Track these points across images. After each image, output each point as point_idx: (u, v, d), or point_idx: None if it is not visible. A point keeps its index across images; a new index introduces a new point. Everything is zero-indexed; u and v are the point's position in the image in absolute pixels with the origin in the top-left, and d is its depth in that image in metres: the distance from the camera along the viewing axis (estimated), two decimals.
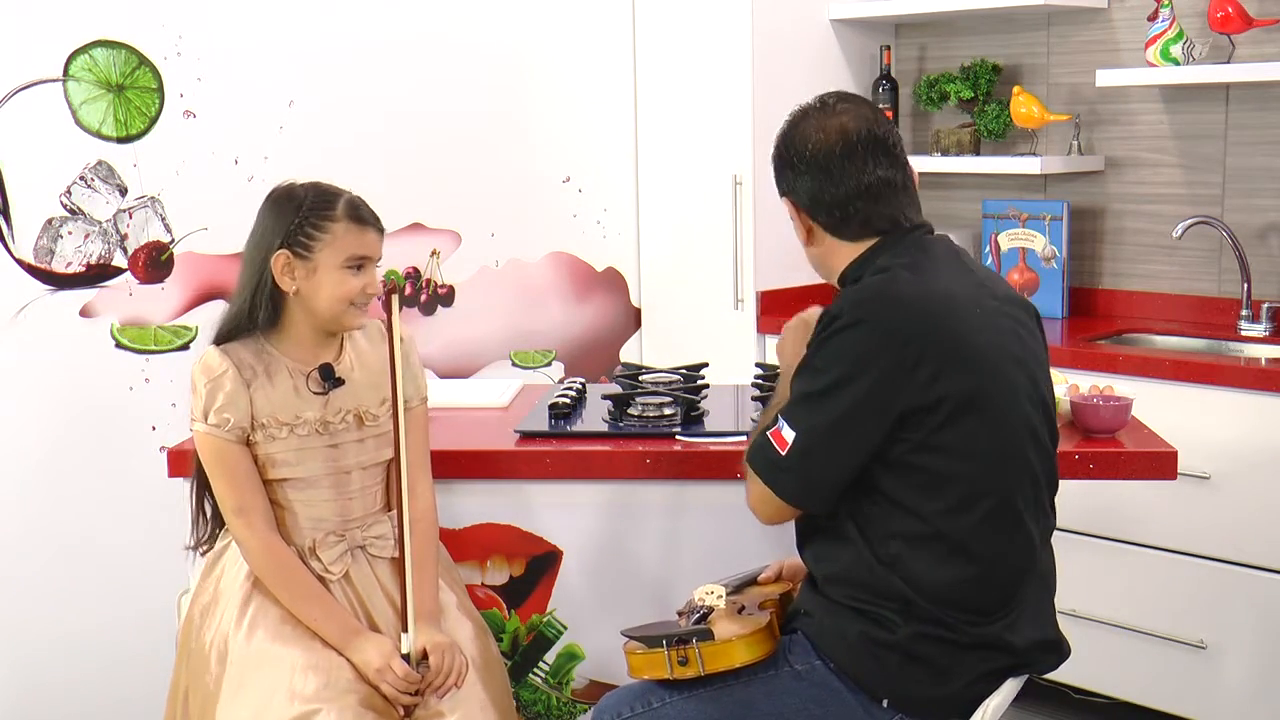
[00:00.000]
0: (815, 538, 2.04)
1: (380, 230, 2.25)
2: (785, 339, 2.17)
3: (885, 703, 1.97)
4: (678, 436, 2.54)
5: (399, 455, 2.18)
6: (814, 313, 2.09)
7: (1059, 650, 2.06)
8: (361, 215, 2.22)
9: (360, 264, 2.21)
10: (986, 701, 1.97)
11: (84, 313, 3.28)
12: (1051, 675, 2.48)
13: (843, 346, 1.92)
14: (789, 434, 1.94)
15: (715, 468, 2.46)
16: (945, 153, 3.98)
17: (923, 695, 1.96)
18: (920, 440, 1.91)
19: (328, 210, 2.20)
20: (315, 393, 2.25)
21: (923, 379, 1.88)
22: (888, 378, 1.89)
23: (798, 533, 2.13)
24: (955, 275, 2.00)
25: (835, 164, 2.02)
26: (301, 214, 2.20)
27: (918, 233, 2.05)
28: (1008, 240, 3.88)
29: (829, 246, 2.07)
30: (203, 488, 2.32)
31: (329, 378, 2.25)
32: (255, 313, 2.23)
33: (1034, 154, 3.83)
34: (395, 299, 2.18)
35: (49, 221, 3.23)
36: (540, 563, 2.59)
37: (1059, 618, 2.10)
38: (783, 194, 2.11)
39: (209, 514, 2.35)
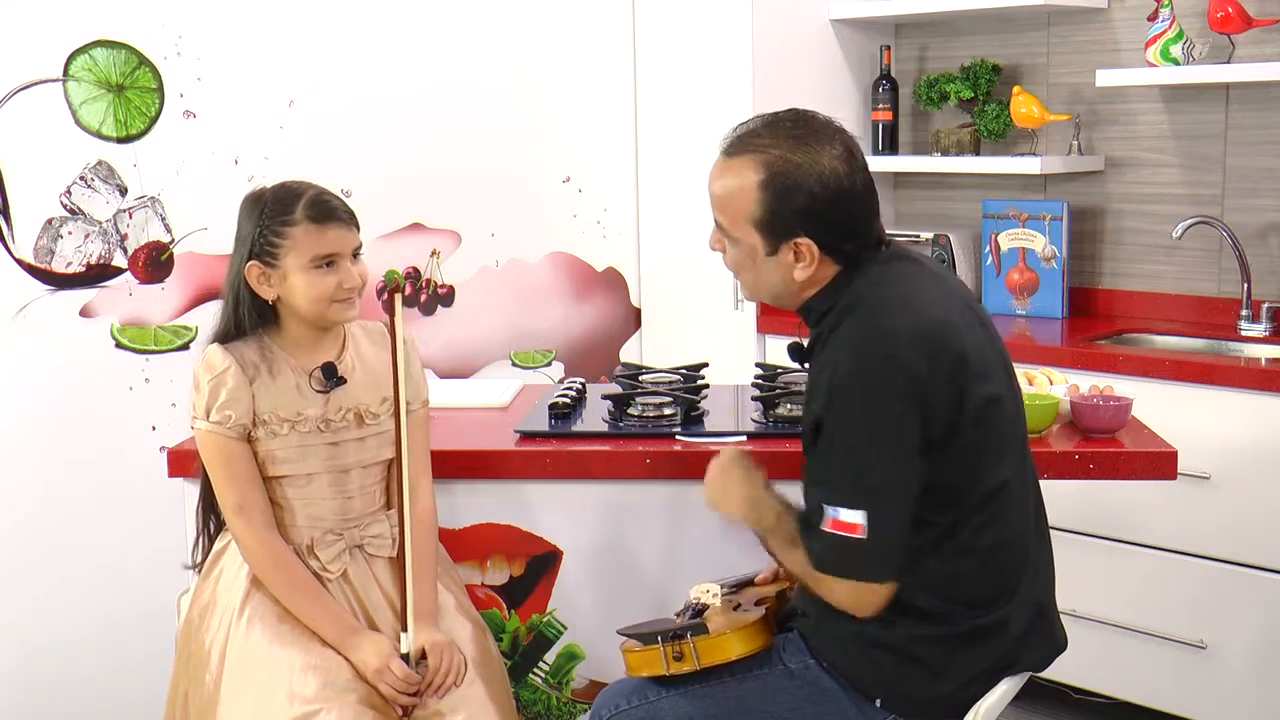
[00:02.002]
0: None
1: (348, 223, 2.21)
2: (721, 487, 2.09)
3: (879, 702, 1.97)
4: (678, 436, 2.53)
5: (400, 456, 2.18)
6: (735, 453, 2.08)
7: (1053, 638, 2.06)
8: (320, 213, 2.18)
9: (329, 261, 2.18)
10: (978, 705, 1.97)
11: (84, 313, 3.28)
12: (1051, 675, 2.48)
13: (859, 404, 1.87)
14: (855, 516, 1.86)
15: None
16: (945, 153, 3.98)
17: (916, 695, 1.97)
18: (943, 458, 1.90)
19: (286, 215, 2.17)
20: (317, 391, 2.24)
21: (943, 402, 1.88)
22: (915, 411, 1.87)
23: None
24: (930, 288, 1.99)
25: (851, 181, 1.96)
26: (263, 222, 2.18)
27: (882, 251, 2.02)
28: (1008, 240, 3.88)
29: (814, 275, 1.99)
30: (208, 507, 2.32)
31: (331, 376, 2.25)
32: (242, 324, 2.23)
33: (1034, 154, 3.83)
34: (398, 299, 2.17)
35: (49, 221, 3.23)
36: (540, 563, 2.59)
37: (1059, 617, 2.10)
38: (782, 230, 1.96)
39: (212, 533, 2.35)
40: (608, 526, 2.58)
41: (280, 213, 2.18)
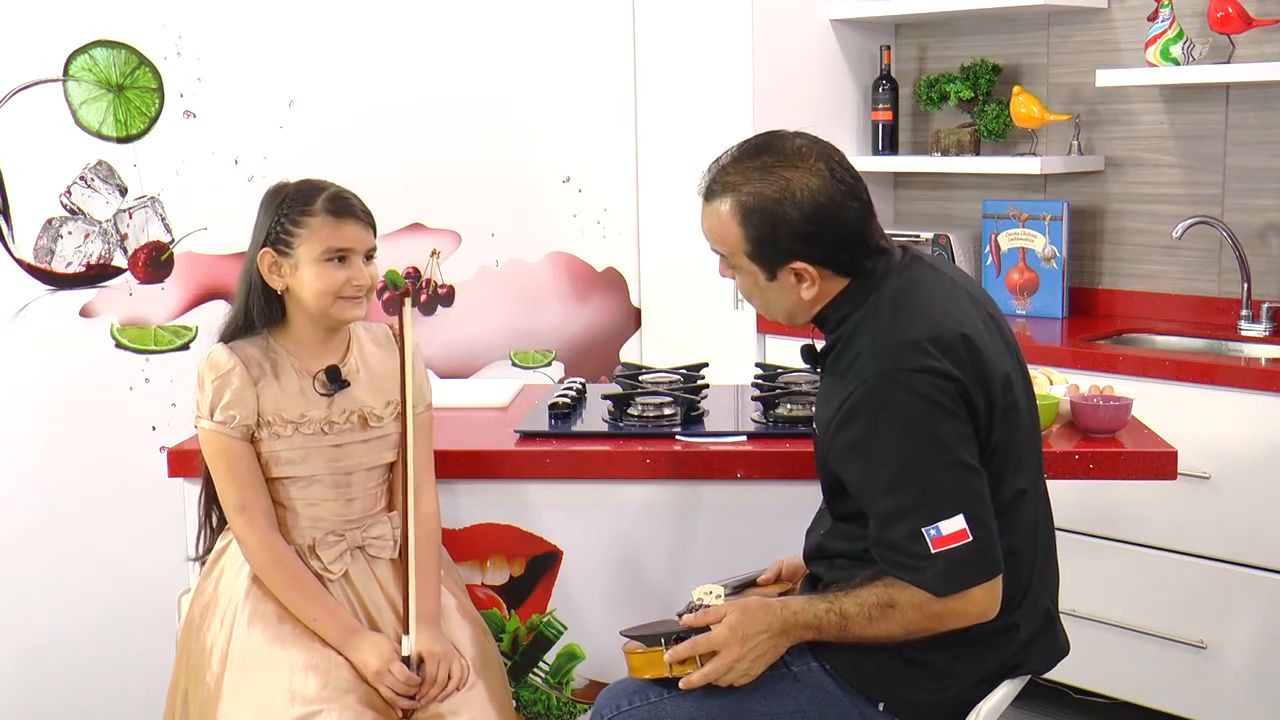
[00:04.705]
0: (837, 559, 2.03)
1: (364, 222, 2.22)
2: (744, 626, 1.93)
3: (881, 706, 1.97)
4: (678, 436, 2.53)
5: (404, 459, 2.17)
6: (756, 600, 1.98)
7: (1056, 643, 2.06)
8: (339, 208, 2.19)
9: (341, 256, 2.19)
10: (979, 706, 1.97)
11: (84, 313, 3.28)
12: (1051, 675, 2.48)
13: (910, 420, 1.85)
14: (956, 523, 1.83)
15: (715, 468, 2.46)
16: (945, 153, 3.98)
17: (920, 699, 1.96)
18: None
19: (306, 205, 2.19)
20: (321, 394, 2.24)
21: (970, 406, 1.89)
22: (960, 405, 1.87)
23: (810, 546, 2.12)
24: (950, 297, 1.98)
25: (830, 195, 1.94)
26: (281, 211, 2.19)
27: (897, 257, 2.01)
28: (1008, 240, 3.88)
29: (821, 289, 1.98)
30: (210, 500, 2.32)
31: (335, 380, 2.24)
32: (251, 313, 2.23)
33: (1034, 154, 3.83)
34: (407, 302, 2.17)
35: (49, 221, 3.23)
36: (540, 563, 2.59)
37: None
38: (775, 259, 1.97)
39: (215, 526, 2.35)
40: (608, 526, 2.58)
41: (300, 203, 2.19)
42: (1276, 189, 3.53)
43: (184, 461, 2.48)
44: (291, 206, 2.19)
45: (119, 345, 3.33)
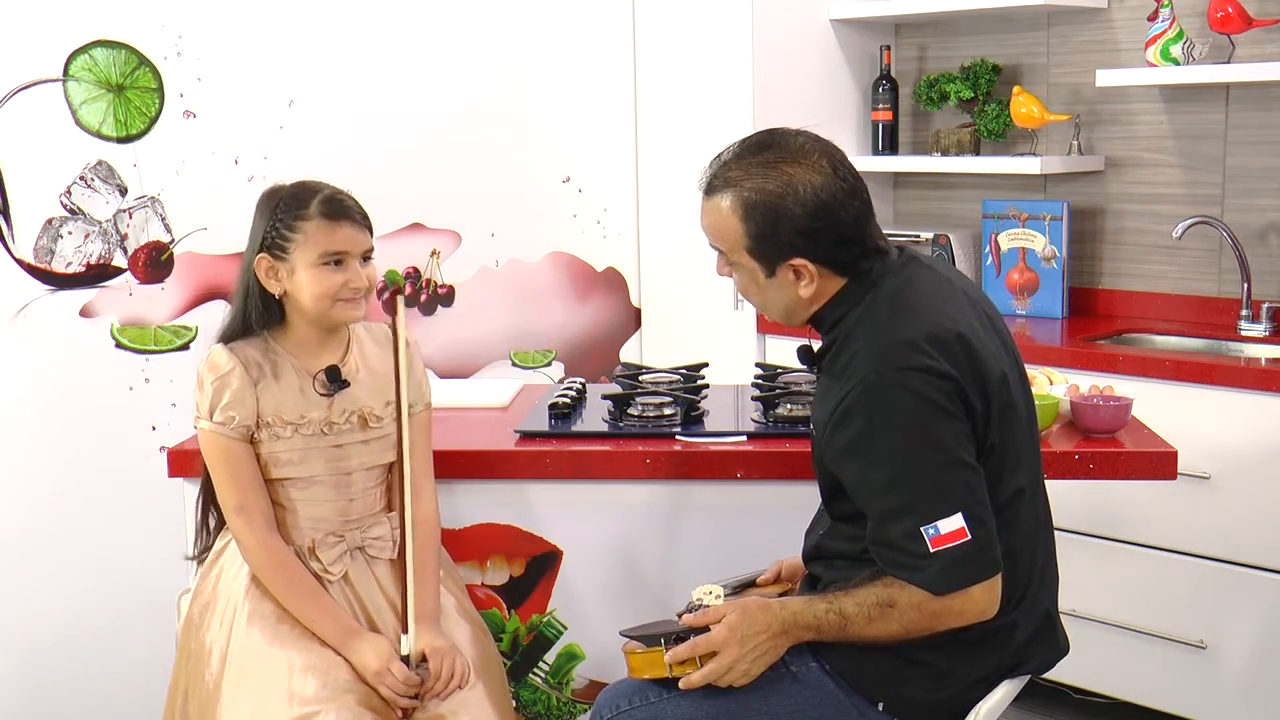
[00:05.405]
0: (837, 559, 2.03)
1: (360, 224, 2.21)
2: (743, 626, 1.93)
3: (880, 706, 1.97)
4: (678, 436, 2.53)
5: (401, 459, 2.17)
6: (755, 600, 1.98)
7: (1056, 643, 2.06)
8: (334, 211, 2.18)
9: (337, 259, 2.18)
10: (979, 706, 1.97)
11: (84, 313, 3.28)
12: (1052, 675, 2.48)
13: (908, 418, 1.85)
14: (955, 521, 1.83)
15: (715, 468, 2.46)
16: (945, 153, 3.98)
17: (919, 699, 1.96)
18: None
19: (300, 209, 2.18)
20: (321, 394, 2.24)
21: (967, 405, 1.88)
22: (958, 403, 1.87)
23: (809, 546, 2.13)
24: (947, 297, 1.98)
25: (831, 192, 1.94)
26: (276, 215, 2.19)
27: (894, 257, 2.01)
28: (1008, 240, 3.88)
29: (819, 288, 1.98)
30: (208, 501, 2.32)
31: (335, 380, 2.24)
32: (248, 318, 2.23)
33: (1034, 154, 3.83)
34: (400, 300, 2.17)
35: (49, 221, 3.23)
36: (540, 563, 2.59)
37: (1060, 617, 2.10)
38: (774, 255, 1.96)
39: (213, 526, 2.35)
40: (608, 526, 2.58)
41: (294, 207, 2.18)
42: (1276, 189, 3.53)
43: (184, 461, 2.48)
44: (286, 211, 2.18)
45: (119, 345, 3.33)
